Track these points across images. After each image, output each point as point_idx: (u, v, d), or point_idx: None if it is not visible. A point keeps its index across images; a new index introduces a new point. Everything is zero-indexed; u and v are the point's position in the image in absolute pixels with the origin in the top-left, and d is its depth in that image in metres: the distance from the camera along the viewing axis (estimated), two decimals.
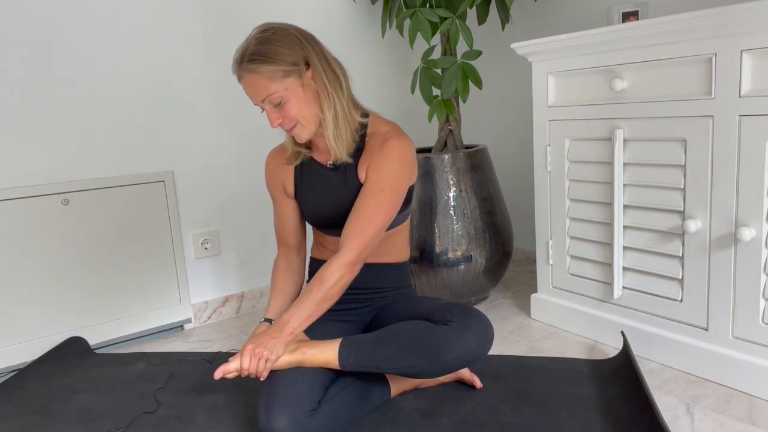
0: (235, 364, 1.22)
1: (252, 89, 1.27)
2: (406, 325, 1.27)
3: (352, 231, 1.29)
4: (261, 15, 2.13)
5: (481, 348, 1.22)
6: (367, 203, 1.31)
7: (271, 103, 1.28)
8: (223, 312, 2.15)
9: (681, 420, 1.27)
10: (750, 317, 1.34)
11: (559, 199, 1.74)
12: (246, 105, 2.13)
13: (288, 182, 1.48)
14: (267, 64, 1.24)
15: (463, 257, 1.91)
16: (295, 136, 1.33)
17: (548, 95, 1.72)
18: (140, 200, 1.92)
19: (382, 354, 1.23)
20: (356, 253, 1.28)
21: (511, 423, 1.28)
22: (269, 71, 1.24)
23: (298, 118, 1.29)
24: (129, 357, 1.80)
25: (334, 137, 1.33)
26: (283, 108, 1.28)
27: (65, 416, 1.45)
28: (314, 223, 1.47)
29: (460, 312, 1.26)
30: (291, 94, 1.27)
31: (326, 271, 1.27)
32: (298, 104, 1.28)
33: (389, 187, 1.32)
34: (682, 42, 1.36)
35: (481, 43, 2.48)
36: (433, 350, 1.21)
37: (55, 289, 1.80)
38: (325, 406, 1.22)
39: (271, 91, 1.26)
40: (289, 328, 1.25)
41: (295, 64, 1.26)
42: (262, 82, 1.25)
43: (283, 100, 1.27)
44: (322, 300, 1.27)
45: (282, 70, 1.25)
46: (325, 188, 1.42)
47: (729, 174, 1.33)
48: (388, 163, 1.33)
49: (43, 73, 1.75)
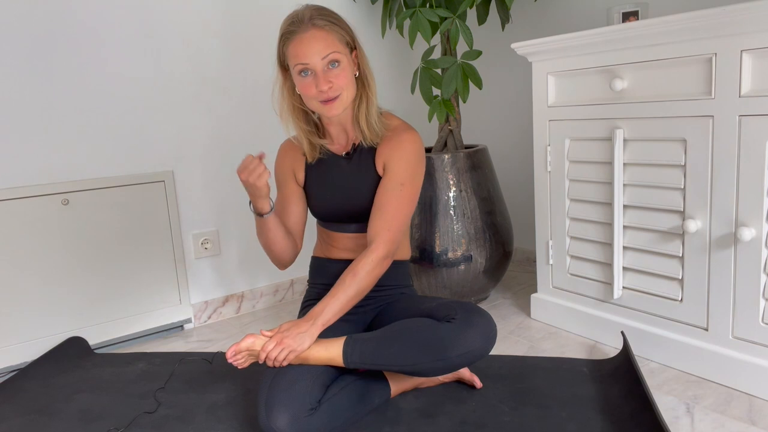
0: (248, 342, 1.25)
1: (317, 45, 1.27)
2: (410, 323, 1.27)
3: (380, 226, 1.33)
4: (263, 14, 2.13)
5: (485, 345, 1.23)
6: (390, 197, 1.34)
7: (329, 62, 1.28)
8: (223, 312, 2.15)
9: (681, 420, 1.27)
10: (750, 317, 1.34)
11: (559, 199, 1.74)
12: (247, 105, 2.14)
13: (299, 169, 1.48)
14: (337, 26, 1.30)
15: (463, 257, 1.91)
16: (330, 107, 1.32)
17: (548, 95, 1.72)
18: (140, 200, 1.92)
19: (387, 351, 1.24)
20: (387, 247, 1.32)
21: (511, 423, 1.28)
22: (338, 32, 1.30)
23: (344, 87, 1.31)
24: (129, 357, 1.80)
25: (373, 120, 1.37)
26: (338, 72, 1.29)
27: (65, 416, 1.45)
28: (323, 215, 1.47)
29: (464, 309, 1.27)
30: (347, 62, 1.32)
31: (358, 265, 1.30)
32: (350, 75, 1.32)
33: (409, 180, 1.36)
34: (682, 42, 1.36)
35: (481, 43, 2.48)
36: (436, 347, 1.21)
37: (55, 289, 1.80)
38: (326, 405, 1.22)
39: (336, 49, 1.28)
40: (321, 320, 1.27)
41: (352, 40, 1.34)
42: (332, 39, 1.28)
43: (341, 64, 1.30)
44: (355, 294, 1.30)
45: (345, 38, 1.32)
46: (339, 178, 1.43)
47: (729, 174, 1.33)
48: (407, 157, 1.37)
49: (43, 72, 1.75)
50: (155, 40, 1.93)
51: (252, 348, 1.26)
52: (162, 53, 1.95)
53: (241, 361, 1.28)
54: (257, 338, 1.26)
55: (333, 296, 1.29)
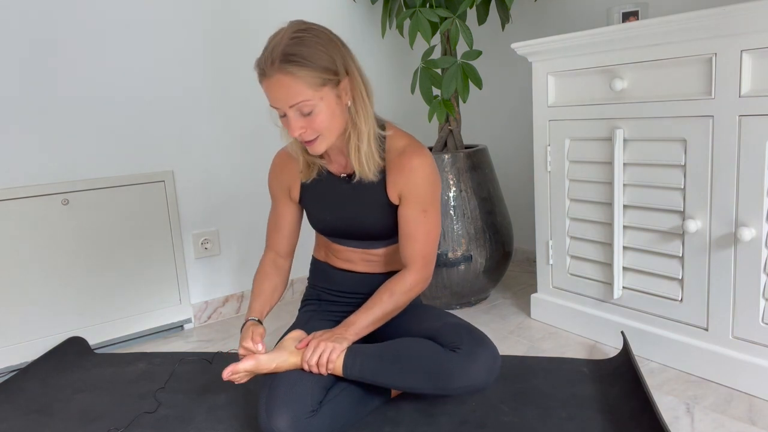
0: (248, 365, 1.22)
1: (282, 93, 1.14)
2: (414, 345, 1.25)
3: (414, 255, 1.33)
4: (262, 16, 2.13)
5: (487, 380, 1.21)
6: (417, 227, 1.32)
7: (299, 111, 1.16)
8: (223, 312, 2.15)
9: (681, 420, 1.27)
10: (750, 317, 1.34)
11: (559, 199, 1.74)
12: (246, 105, 2.13)
13: (294, 187, 1.41)
14: (306, 69, 1.13)
15: (463, 257, 1.91)
16: (311, 147, 1.22)
17: (548, 95, 1.72)
18: (140, 200, 1.92)
19: (387, 371, 1.23)
20: (424, 271, 1.34)
21: (511, 423, 1.28)
22: (307, 76, 1.13)
23: (322, 130, 1.20)
24: (129, 357, 1.80)
25: (365, 157, 1.25)
26: (311, 118, 1.17)
27: (65, 416, 1.45)
28: (322, 231, 1.43)
29: (469, 339, 1.24)
30: (324, 104, 1.17)
31: (397, 285, 1.32)
32: (329, 116, 1.19)
33: (431, 204, 1.32)
34: (682, 42, 1.36)
35: (481, 43, 2.48)
36: (438, 377, 1.20)
37: (55, 289, 1.80)
38: (326, 407, 1.22)
39: (305, 98, 1.15)
40: (355, 329, 1.28)
41: (334, 72, 1.17)
42: (298, 87, 1.13)
43: (314, 110, 1.16)
44: (391, 310, 1.32)
45: (320, 77, 1.15)
46: (338, 199, 1.37)
47: (729, 174, 1.33)
48: (423, 184, 1.30)
49: (43, 72, 1.75)
50: (155, 40, 1.93)
51: (251, 370, 1.23)
52: (162, 53, 1.94)
53: (237, 378, 1.25)
54: (258, 360, 1.23)
55: (368, 309, 1.30)
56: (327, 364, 1.22)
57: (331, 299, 1.48)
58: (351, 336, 1.27)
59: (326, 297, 1.49)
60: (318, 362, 1.22)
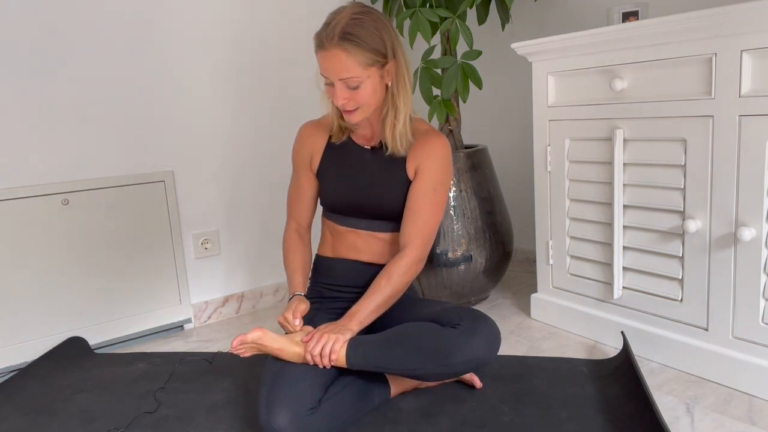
0: (255, 335, 1.26)
1: (335, 66, 1.27)
2: (414, 327, 1.28)
3: (415, 231, 1.37)
4: (262, 13, 2.13)
5: (489, 352, 1.24)
6: (424, 202, 1.38)
7: (347, 84, 1.29)
8: (223, 312, 2.15)
9: (681, 420, 1.27)
10: (750, 317, 1.34)
11: (559, 199, 1.74)
12: (246, 105, 2.14)
13: (315, 157, 1.49)
14: (360, 48, 1.26)
15: (463, 257, 1.91)
16: (349, 117, 1.34)
17: (548, 95, 1.72)
18: (140, 200, 1.92)
19: (390, 355, 1.24)
20: (420, 251, 1.37)
21: (511, 423, 1.29)
22: (360, 56, 1.26)
23: (363, 104, 1.32)
24: (129, 357, 1.80)
25: (399, 134, 1.37)
26: (356, 92, 1.30)
27: (65, 416, 1.45)
28: (334, 205, 1.47)
29: (469, 316, 1.27)
30: (370, 82, 1.30)
31: (392, 268, 1.35)
32: (371, 93, 1.32)
33: (441, 185, 1.40)
34: (682, 42, 1.36)
35: (481, 43, 2.48)
36: (441, 353, 1.22)
37: (55, 289, 1.80)
38: (326, 405, 1.23)
39: (355, 74, 1.27)
40: (358, 318, 1.31)
41: (383, 55, 1.30)
42: (349, 63, 1.26)
43: (360, 86, 1.29)
44: (390, 295, 1.35)
45: (371, 58, 1.28)
46: (359, 170, 1.44)
47: (729, 174, 1.33)
48: (439, 162, 1.39)
49: (43, 72, 1.75)
50: (156, 40, 1.93)
51: (258, 342, 1.27)
52: (162, 53, 1.94)
53: (243, 351, 1.29)
54: (266, 333, 1.28)
55: (369, 297, 1.34)
56: (330, 355, 1.24)
57: (333, 295, 1.51)
58: (354, 326, 1.30)
59: (329, 293, 1.51)
60: (321, 353, 1.24)
